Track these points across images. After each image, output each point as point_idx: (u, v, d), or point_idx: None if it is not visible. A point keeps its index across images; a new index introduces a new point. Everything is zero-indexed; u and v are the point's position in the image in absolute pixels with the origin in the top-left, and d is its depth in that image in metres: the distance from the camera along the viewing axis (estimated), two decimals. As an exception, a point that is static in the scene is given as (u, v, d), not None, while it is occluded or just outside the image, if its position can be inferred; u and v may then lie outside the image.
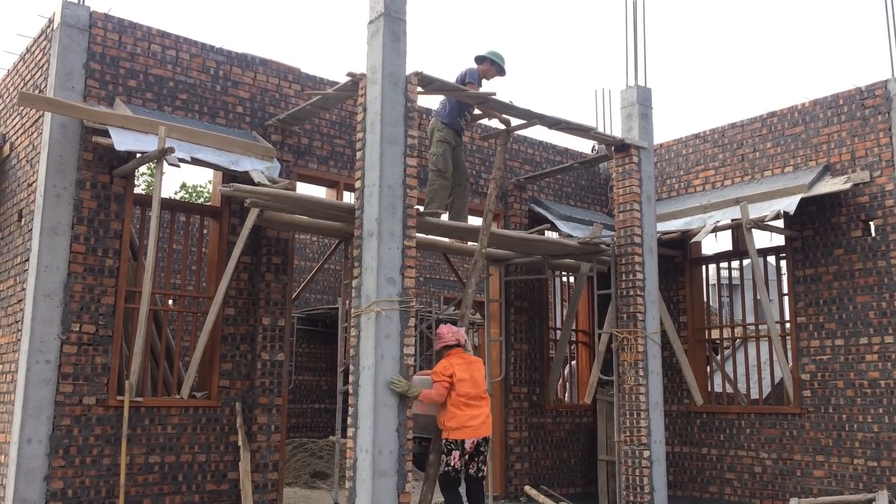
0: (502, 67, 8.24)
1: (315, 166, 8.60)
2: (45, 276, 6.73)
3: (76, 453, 6.76)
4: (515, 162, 10.48)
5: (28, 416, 6.52)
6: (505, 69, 8.26)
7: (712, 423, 10.08)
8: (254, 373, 7.81)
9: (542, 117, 7.99)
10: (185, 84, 7.81)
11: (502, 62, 8.24)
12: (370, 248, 6.50)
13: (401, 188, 6.64)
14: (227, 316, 7.78)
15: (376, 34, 6.79)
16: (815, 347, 9.23)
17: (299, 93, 8.51)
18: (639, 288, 8.60)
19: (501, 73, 8.26)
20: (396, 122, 6.69)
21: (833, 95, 9.49)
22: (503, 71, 8.25)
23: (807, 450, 9.14)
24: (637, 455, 8.30)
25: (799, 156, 9.70)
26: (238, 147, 7.56)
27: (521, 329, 10.12)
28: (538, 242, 9.04)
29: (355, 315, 6.59)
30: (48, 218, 6.79)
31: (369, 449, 6.15)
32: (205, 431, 7.50)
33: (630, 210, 8.76)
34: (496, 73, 8.24)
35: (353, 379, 6.49)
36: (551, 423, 10.35)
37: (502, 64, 8.23)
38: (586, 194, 11.38)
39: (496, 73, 8.24)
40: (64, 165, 6.90)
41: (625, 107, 9.03)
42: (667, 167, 11.13)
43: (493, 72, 8.22)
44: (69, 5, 7.13)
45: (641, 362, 8.43)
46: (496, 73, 8.24)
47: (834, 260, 9.21)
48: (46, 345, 6.67)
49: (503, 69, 8.25)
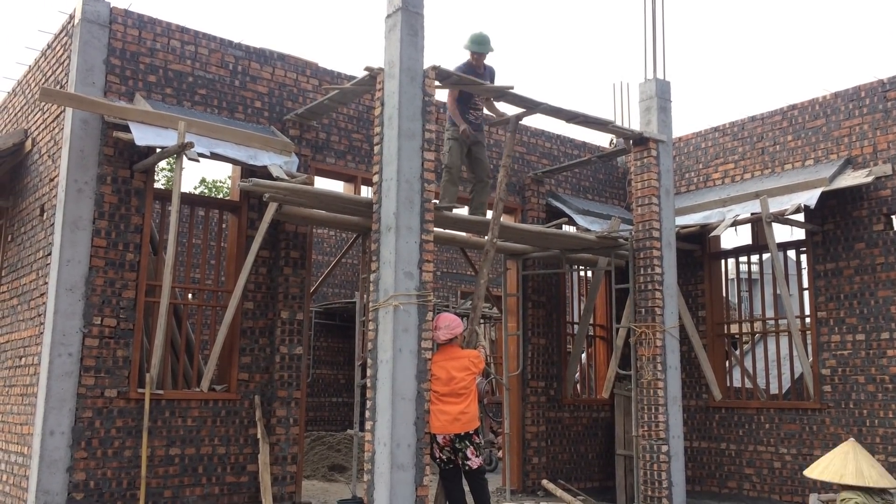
0: (482, 51, 7.90)
1: (333, 161, 8.63)
2: (67, 270, 6.80)
3: (98, 445, 6.84)
4: (533, 156, 10.46)
5: (51, 409, 6.61)
6: (488, 47, 7.93)
7: (731, 418, 10.03)
8: (272, 366, 7.86)
9: (560, 111, 7.97)
10: (204, 79, 7.85)
11: (479, 45, 7.90)
12: (388, 243, 6.52)
13: (418, 182, 6.64)
14: (246, 310, 7.83)
15: (394, 28, 6.79)
16: (836, 342, 9.15)
17: (317, 87, 8.54)
18: (657, 282, 8.56)
19: (487, 51, 7.95)
20: (414, 117, 6.69)
21: (854, 88, 9.39)
22: (485, 51, 7.93)
23: (827, 445, 9.06)
24: (655, 450, 8.28)
25: (820, 149, 9.61)
26: (257, 142, 7.59)
27: (539, 323, 10.11)
28: (556, 236, 9.02)
29: (373, 309, 6.61)
30: (70, 212, 6.86)
31: (387, 442, 6.18)
32: (224, 424, 7.56)
33: (648, 204, 8.72)
34: (483, 56, 7.95)
35: (371, 373, 6.52)
36: (569, 417, 10.34)
37: (482, 48, 7.90)
38: (604, 188, 11.34)
39: (483, 56, 7.95)
40: (85, 160, 6.97)
41: (643, 100, 8.98)
42: (685, 161, 11.06)
43: (482, 57, 7.95)
44: (90, 1, 7.19)
45: (660, 357, 8.40)
46: (483, 56, 7.96)
47: (855, 254, 9.12)
48: (68, 338, 6.75)
49: (484, 51, 7.91)
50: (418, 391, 6.37)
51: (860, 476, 4.62)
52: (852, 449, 4.82)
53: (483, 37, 7.97)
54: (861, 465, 4.74)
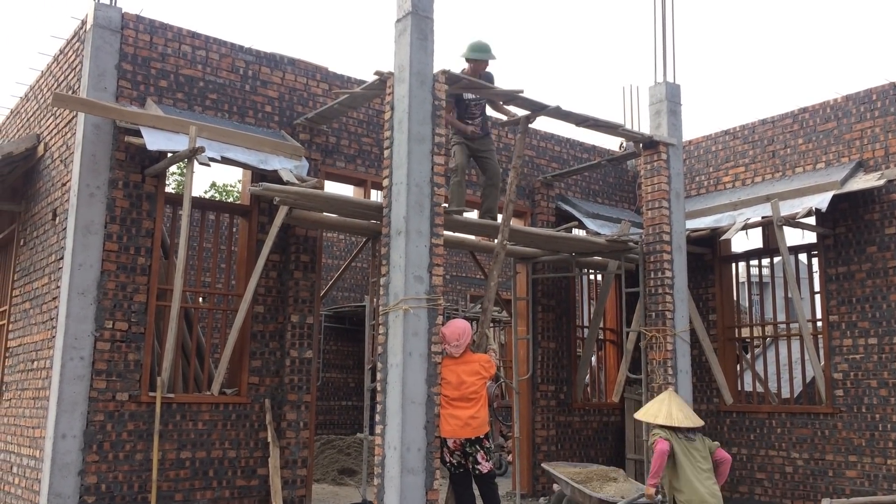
0: (481, 58, 7.88)
1: (343, 165, 8.65)
2: (79, 274, 6.84)
3: (109, 448, 6.87)
4: (543, 159, 10.45)
5: (62, 412, 6.64)
6: (488, 54, 7.90)
7: (742, 422, 9.98)
8: (283, 370, 7.88)
9: (570, 114, 7.96)
10: (215, 84, 7.89)
11: (480, 51, 7.88)
12: (398, 246, 6.53)
13: (428, 186, 6.65)
14: (257, 313, 7.85)
15: (404, 33, 6.81)
16: (848, 346, 9.10)
17: (327, 92, 8.56)
18: (667, 286, 8.53)
19: (488, 59, 7.93)
20: (424, 121, 6.70)
21: (866, 90, 9.34)
22: (488, 57, 7.91)
23: (839, 450, 9.02)
24: (666, 454, 8.23)
25: (831, 152, 9.57)
26: (267, 146, 7.62)
27: (549, 327, 10.09)
28: (565, 240, 9.01)
29: (383, 313, 6.61)
30: (82, 217, 6.90)
31: (397, 446, 6.18)
32: (235, 428, 7.58)
33: (659, 207, 8.69)
34: (484, 64, 7.93)
35: (381, 377, 6.52)
36: (579, 421, 10.32)
37: (482, 55, 7.87)
38: (614, 192, 11.32)
39: (484, 64, 7.93)
40: (97, 165, 7.01)
41: (653, 103, 8.97)
42: (696, 164, 11.03)
43: (482, 65, 7.92)
44: (101, 7, 7.23)
45: (670, 361, 8.37)
46: (485, 64, 7.94)
47: (867, 257, 9.07)
48: (80, 342, 6.79)
49: (486, 57, 7.89)
50: (428, 395, 6.36)
51: (669, 418, 6.00)
52: (668, 397, 6.27)
53: (481, 44, 7.94)
54: (672, 409, 6.08)
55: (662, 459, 5.82)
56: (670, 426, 5.98)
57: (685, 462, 5.86)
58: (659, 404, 6.27)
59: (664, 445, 5.85)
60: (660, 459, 5.81)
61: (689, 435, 6.00)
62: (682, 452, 5.88)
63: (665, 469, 5.88)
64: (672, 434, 5.97)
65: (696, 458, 5.90)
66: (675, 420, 6.01)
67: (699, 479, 5.81)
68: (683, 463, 5.85)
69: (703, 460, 5.93)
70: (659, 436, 5.94)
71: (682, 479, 5.84)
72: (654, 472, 5.84)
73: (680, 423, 5.99)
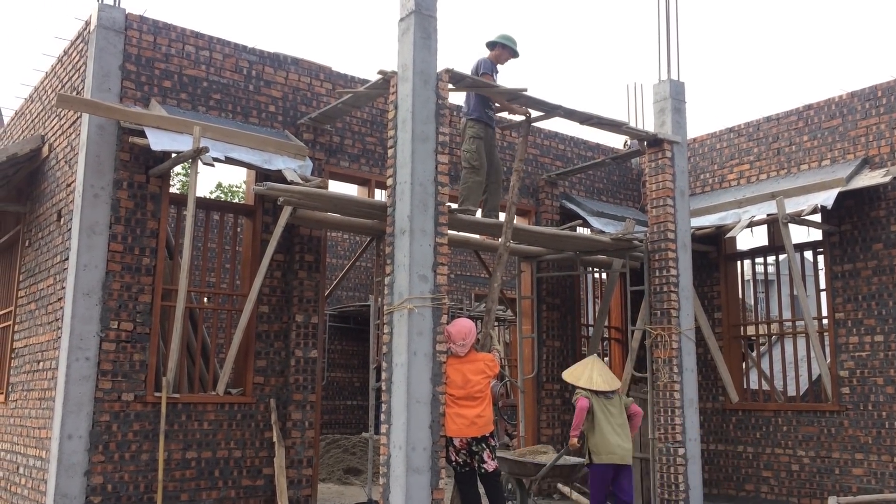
0: (514, 50, 8.09)
1: (347, 164, 8.65)
2: (84, 274, 6.85)
3: (115, 449, 6.88)
4: (546, 158, 10.44)
5: (68, 413, 6.65)
6: (517, 51, 8.10)
7: (748, 420, 9.96)
8: (287, 370, 7.88)
9: (574, 113, 7.94)
10: (219, 84, 7.89)
11: (514, 44, 8.08)
12: (402, 246, 6.52)
13: (432, 185, 6.64)
14: (262, 313, 7.86)
15: (407, 31, 6.80)
16: (854, 344, 9.07)
17: (331, 91, 8.56)
18: (672, 284, 8.51)
19: (514, 55, 8.11)
20: (428, 120, 6.69)
21: (871, 87, 9.31)
22: (515, 53, 8.11)
23: (845, 447, 8.99)
24: (672, 453, 8.23)
25: (836, 149, 9.54)
26: (271, 146, 7.62)
27: (553, 326, 10.08)
28: (570, 239, 9.00)
29: (388, 312, 6.61)
30: (87, 217, 6.90)
31: (403, 446, 6.18)
32: (240, 427, 7.59)
33: (663, 205, 8.67)
34: (509, 55, 8.10)
35: (386, 376, 6.52)
36: (584, 420, 10.28)
37: (514, 46, 8.07)
38: (618, 190, 11.30)
39: (509, 55, 8.10)
40: (101, 166, 7.02)
41: (657, 101, 8.94)
42: (700, 162, 11.00)
43: (506, 55, 8.09)
44: (105, 8, 7.24)
45: (676, 359, 8.35)
46: (509, 56, 8.11)
47: (873, 255, 9.04)
48: (86, 342, 6.80)
49: (515, 51, 8.10)
50: (433, 394, 6.36)
51: (589, 381, 6.99)
52: (591, 362, 7.25)
53: (512, 37, 8.13)
54: (593, 374, 7.07)
55: (582, 415, 6.80)
56: (589, 388, 6.96)
57: (601, 417, 6.85)
58: (583, 368, 7.21)
59: (584, 403, 6.83)
60: (580, 415, 6.79)
61: (608, 394, 6.98)
62: (600, 409, 6.87)
63: (585, 423, 6.86)
64: (592, 394, 6.94)
65: (612, 414, 6.89)
66: (594, 384, 6.98)
67: (610, 432, 6.81)
68: (599, 418, 6.84)
69: (619, 415, 6.93)
70: (580, 394, 6.93)
71: (596, 432, 6.83)
72: (575, 426, 6.80)
73: (598, 386, 6.96)
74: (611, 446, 6.77)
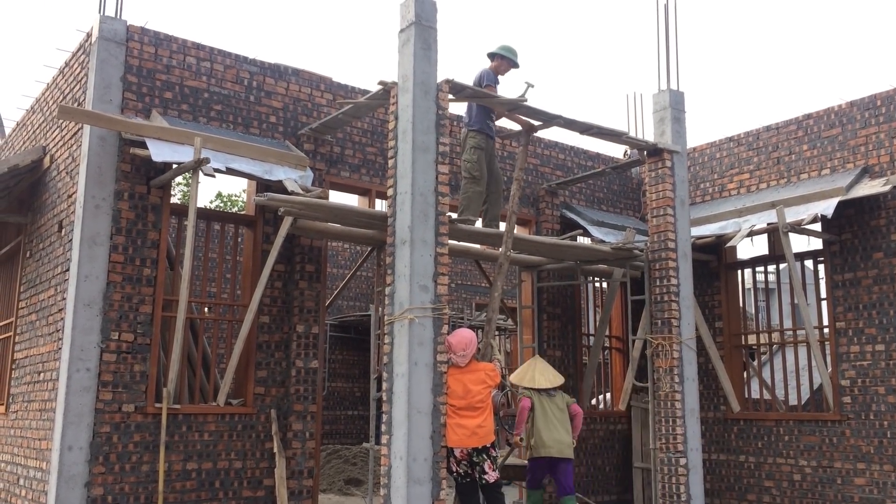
0: (514, 61, 8.14)
1: (347, 174, 8.66)
2: (85, 285, 6.85)
3: (116, 460, 6.87)
4: (547, 167, 10.45)
5: (69, 424, 6.64)
6: (517, 62, 8.15)
7: (750, 430, 9.94)
8: (288, 380, 7.87)
9: (574, 122, 7.96)
10: (220, 95, 7.92)
11: (513, 55, 8.13)
12: (403, 256, 6.53)
13: (433, 195, 6.65)
14: (262, 324, 7.86)
15: (407, 43, 6.83)
16: (855, 353, 9.06)
17: (331, 102, 8.58)
18: (673, 293, 8.51)
19: (514, 66, 8.16)
20: (428, 130, 6.71)
21: (870, 96, 9.33)
22: (515, 63, 8.15)
23: (847, 457, 8.97)
24: (673, 463, 8.21)
25: (836, 158, 9.55)
26: (272, 156, 7.64)
27: (554, 335, 10.07)
28: (570, 248, 9.00)
29: (388, 322, 6.61)
30: (88, 228, 6.91)
31: (403, 456, 6.17)
32: (241, 438, 7.57)
33: (663, 215, 8.68)
34: (509, 66, 8.15)
35: (387, 386, 6.51)
36: (585, 430, 10.25)
37: (513, 57, 8.12)
38: (618, 199, 11.31)
39: (509, 66, 8.15)
40: (103, 177, 7.03)
41: (657, 111, 8.97)
42: (700, 171, 11.02)
43: (506, 66, 8.14)
44: (107, 20, 7.27)
45: (677, 369, 8.34)
46: (509, 67, 8.16)
47: (874, 264, 9.04)
48: (86, 353, 6.79)
49: (515, 62, 8.15)
50: (434, 405, 6.35)
51: (532, 380, 7.60)
52: (533, 362, 7.90)
53: (512, 48, 8.18)
54: (535, 373, 7.67)
55: (524, 414, 7.36)
56: (531, 387, 7.53)
57: (539, 414, 7.42)
58: (526, 368, 7.84)
59: (526, 402, 7.40)
60: (522, 414, 7.35)
61: (551, 392, 7.55)
62: (539, 406, 7.44)
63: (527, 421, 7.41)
64: (534, 392, 7.51)
65: (552, 410, 7.45)
66: (536, 383, 7.56)
67: (546, 427, 7.36)
68: (538, 415, 7.41)
69: (559, 412, 7.48)
70: (523, 394, 7.49)
71: (536, 428, 7.39)
72: (518, 424, 7.36)
73: (539, 384, 7.55)
74: (547, 441, 7.32)
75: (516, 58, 8.16)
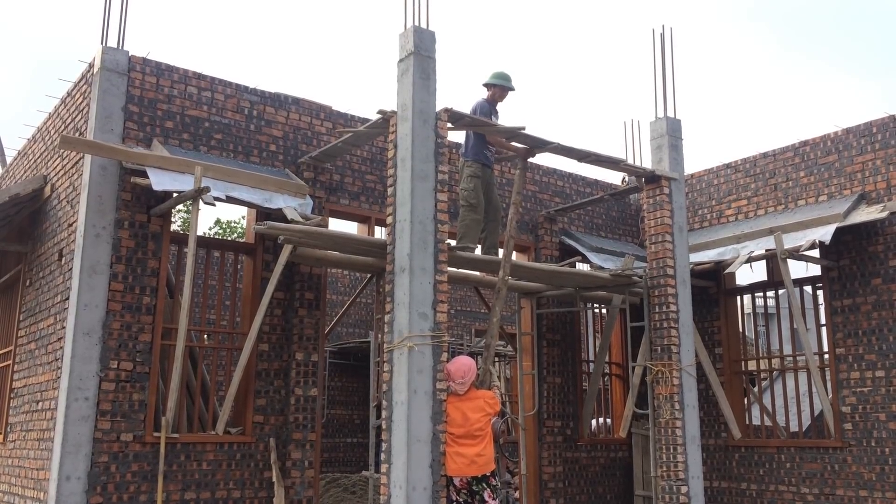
0: (508, 85, 8.21)
1: (347, 202, 8.70)
2: (85, 314, 6.85)
3: (113, 490, 6.82)
4: (545, 194, 10.50)
5: (67, 453, 6.60)
6: (511, 85, 8.23)
7: (751, 457, 9.88)
8: (287, 408, 7.84)
9: (572, 150, 8.01)
10: (220, 124, 7.97)
11: (506, 80, 8.21)
12: (402, 284, 6.54)
13: (432, 223, 6.68)
14: (261, 351, 7.84)
15: (406, 72, 6.89)
16: (856, 379, 9.04)
17: (331, 130, 8.64)
18: (672, 320, 8.51)
19: (509, 89, 8.24)
20: (427, 158, 6.75)
21: (866, 123, 9.40)
22: (510, 87, 8.23)
23: (849, 484, 8.92)
24: (675, 490, 8.16)
25: (833, 184, 9.60)
26: (272, 185, 7.67)
27: (554, 362, 10.05)
28: (569, 275, 9.02)
29: (388, 350, 6.60)
30: (88, 257, 6.92)
31: (403, 485, 6.13)
32: (239, 467, 7.53)
33: (662, 241, 8.71)
34: (504, 92, 8.23)
35: (387, 414, 6.49)
36: (586, 457, 10.22)
37: (507, 83, 8.20)
38: (617, 226, 11.34)
39: (504, 92, 8.23)
40: (103, 206, 7.06)
41: (654, 138, 9.03)
42: (698, 197, 11.07)
43: (501, 92, 8.22)
44: (109, 50, 7.34)
45: (677, 395, 8.32)
46: (505, 92, 8.24)
47: (872, 290, 9.05)
48: (85, 382, 6.77)
49: (510, 86, 8.22)
50: (433, 433, 6.33)
51: None
52: None
53: (504, 73, 8.26)
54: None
55: None
56: None
57: None
58: None
59: None
60: None
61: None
62: None
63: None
64: None
65: None
66: None
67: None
68: None
69: None
70: None
71: None
72: None
73: None
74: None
75: (510, 82, 8.24)
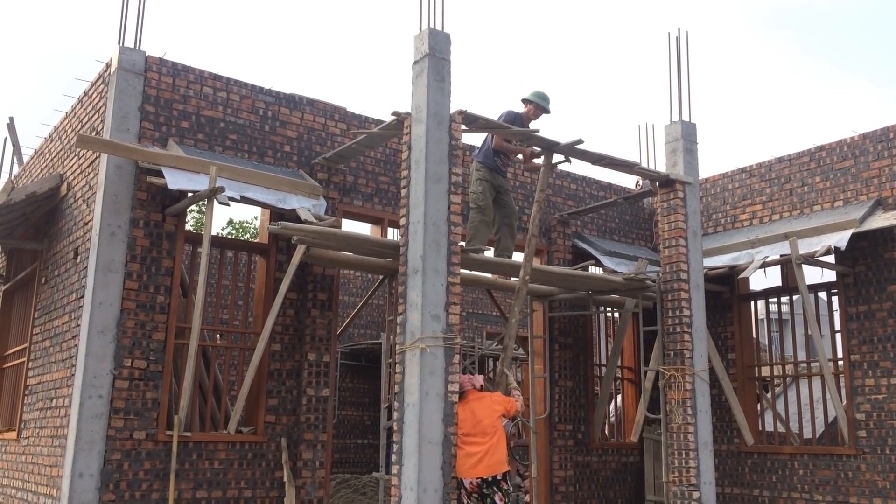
0: (545, 107, 8.36)
1: (360, 203, 8.71)
2: (100, 312, 6.89)
3: (126, 488, 6.86)
4: (559, 197, 10.48)
5: (80, 451, 6.64)
6: (548, 108, 8.37)
7: (764, 463, 9.81)
8: (299, 408, 7.86)
9: (586, 153, 8.00)
10: (235, 125, 8.01)
11: (545, 102, 8.36)
12: (415, 285, 6.54)
13: (445, 225, 6.68)
14: (274, 351, 7.87)
15: (421, 74, 6.90)
16: (870, 386, 8.96)
17: (345, 132, 8.66)
18: (685, 324, 8.47)
19: (545, 111, 8.38)
20: (441, 160, 6.76)
21: (883, 129, 9.33)
22: (547, 110, 8.37)
23: (863, 492, 8.84)
24: (686, 496, 8.11)
25: (849, 190, 9.53)
26: (286, 185, 7.70)
27: (566, 365, 10.02)
28: (582, 278, 8.99)
29: (400, 352, 6.61)
30: (103, 256, 6.97)
31: (414, 487, 6.13)
32: (251, 467, 7.55)
33: (676, 245, 8.67)
34: (540, 112, 8.38)
35: (398, 416, 6.49)
36: (597, 461, 10.19)
37: (546, 105, 8.36)
38: (630, 229, 11.31)
39: (540, 112, 8.38)
40: (119, 205, 7.11)
41: (669, 142, 8.99)
42: (712, 202, 11.01)
43: (536, 112, 8.36)
44: (126, 51, 7.39)
45: (689, 400, 8.27)
46: (540, 113, 8.39)
47: (888, 296, 8.98)
48: (99, 380, 6.81)
49: (547, 108, 8.37)
50: (445, 435, 6.32)
51: None
52: None
53: (547, 95, 8.40)
54: None
55: None
56: None
57: None
58: None
59: None
60: None
61: None
62: None
63: None
64: None
65: None
66: None
67: None
68: None
69: None
70: None
71: None
72: None
73: None
74: None
75: (548, 103, 8.38)
